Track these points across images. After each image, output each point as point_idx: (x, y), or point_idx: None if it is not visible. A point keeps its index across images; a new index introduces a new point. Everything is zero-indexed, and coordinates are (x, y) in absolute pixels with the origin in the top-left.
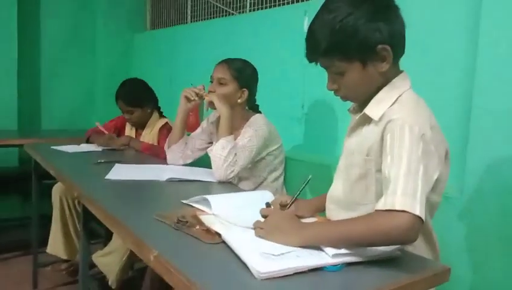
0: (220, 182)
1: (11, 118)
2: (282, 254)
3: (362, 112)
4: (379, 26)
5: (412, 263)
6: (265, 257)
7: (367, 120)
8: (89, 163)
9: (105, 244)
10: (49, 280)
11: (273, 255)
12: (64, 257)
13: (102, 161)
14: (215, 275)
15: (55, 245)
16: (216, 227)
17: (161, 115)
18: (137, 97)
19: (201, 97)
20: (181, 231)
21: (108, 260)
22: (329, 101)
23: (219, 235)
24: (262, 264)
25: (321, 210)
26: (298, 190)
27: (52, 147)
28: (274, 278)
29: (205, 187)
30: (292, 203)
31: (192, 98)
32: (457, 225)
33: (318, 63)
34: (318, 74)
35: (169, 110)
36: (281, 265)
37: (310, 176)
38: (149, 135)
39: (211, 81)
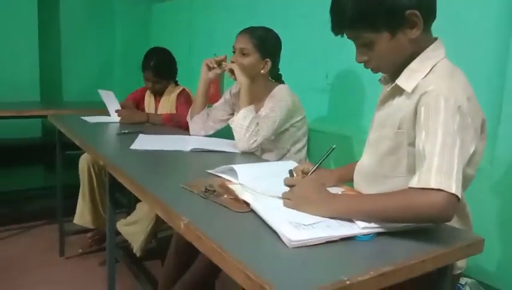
0: (243, 153)
1: (33, 89)
2: (313, 223)
3: (394, 83)
4: None
5: (445, 233)
6: (296, 226)
7: (399, 91)
8: (112, 133)
9: (128, 214)
10: (75, 248)
11: (304, 224)
12: (91, 227)
13: (126, 131)
14: (246, 242)
15: (82, 215)
16: (244, 196)
17: (176, 83)
18: (167, 69)
19: (222, 67)
20: (209, 200)
21: (133, 229)
22: (354, 71)
23: (247, 204)
24: (293, 232)
25: (344, 180)
26: (320, 159)
27: (81, 117)
28: (305, 246)
29: (229, 158)
30: (314, 171)
31: (212, 66)
32: (489, 196)
33: (344, 36)
34: (342, 42)
35: (188, 80)
36: (312, 234)
37: (335, 146)
38: (167, 102)
39: (234, 52)
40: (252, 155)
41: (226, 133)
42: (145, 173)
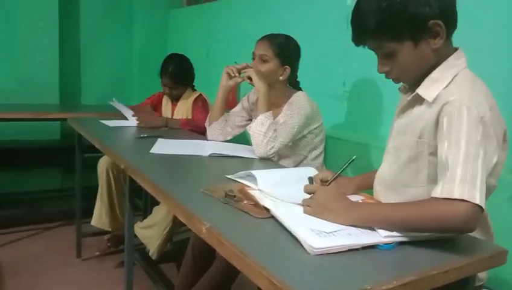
0: (261, 159)
1: (53, 92)
2: (334, 231)
3: (414, 92)
4: (429, 0)
5: (467, 243)
6: (317, 233)
7: (419, 100)
8: (131, 137)
9: (144, 217)
10: (92, 249)
11: (325, 232)
12: (108, 229)
13: (145, 135)
14: (267, 248)
15: (100, 218)
16: (265, 202)
17: (193, 88)
18: (184, 76)
19: (241, 75)
20: (229, 205)
21: (150, 233)
22: (372, 79)
23: (267, 210)
24: (315, 240)
25: (363, 188)
26: (341, 168)
27: (100, 121)
28: (327, 254)
29: (246, 163)
30: (333, 179)
31: (233, 75)
32: (509, 206)
33: (366, 46)
34: (360, 50)
35: (205, 85)
36: (334, 242)
37: (355, 156)
38: (184, 107)
39: (253, 58)
40: (270, 161)
41: (242, 138)
42: (165, 177)
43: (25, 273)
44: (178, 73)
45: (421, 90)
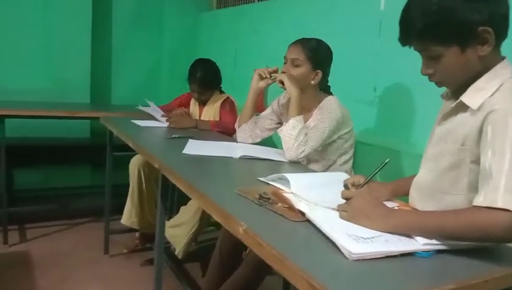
0: (291, 162)
1: (84, 92)
2: (371, 237)
3: (458, 100)
4: (479, 7)
5: (507, 253)
6: (355, 238)
7: (463, 108)
8: (162, 137)
9: (170, 216)
10: (119, 246)
11: (362, 237)
12: (137, 228)
13: (177, 136)
14: (305, 251)
15: (130, 216)
16: (300, 205)
17: (221, 91)
18: (211, 81)
19: (274, 78)
20: (263, 207)
21: (177, 232)
22: (404, 84)
23: (302, 213)
24: (353, 245)
25: (396, 195)
26: (372, 172)
27: (131, 120)
28: (365, 259)
29: (276, 166)
30: (365, 184)
31: (264, 76)
32: None
33: (412, 47)
34: (392, 55)
35: (232, 87)
36: (372, 248)
37: (388, 160)
38: (211, 110)
39: (285, 62)
40: (300, 165)
41: (269, 142)
42: (198, 177)
43: (55, 267)
44: (205, 79)
45: (465, 98)
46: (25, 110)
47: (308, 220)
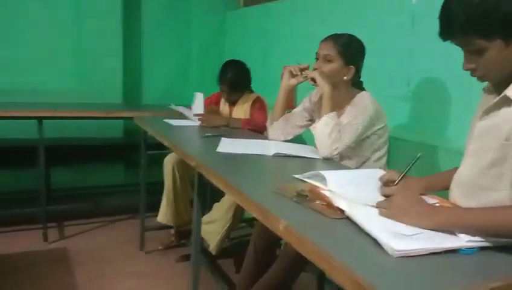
0: (324, 160)
1: (117, 92)
2: (413, 234)
3: (502, 94)
4: None
5: None
6: (396, 235)
7: (507, 102)
8: (196, 136)
9: (203, 214)
10: (154, 243)
11: (405, 235)
12: (172, 225)
13: (210, 134)
14: (346, 248)
15: (165, 214)
16: (339, 203)
17: (250, 90)
18: (241, 83)
19: (305, 75)
20: (301, 205)
21: (211, 228)
22: (438, 79)
23: (341, 211)
24: (396, 242)
25: (432, 190)
26: (406, 167)
27: (164, 120)
28: (408, 257)
29: (310, 164)
30: (401, 179)
31: (295, 73)
32: None
33: (453, 42)
34: (425, 49)
35: (261, 86)
36: (416, 244)
37: (420, 154)
38: (241, 110)
39: (316, 58)
40: (333, 162)
41: (298, 139)
42: (234, 175)
43: (92, 263)
44: (235, 80)
45: (509, 92)
46: (62, 111)
47: (347, 218)
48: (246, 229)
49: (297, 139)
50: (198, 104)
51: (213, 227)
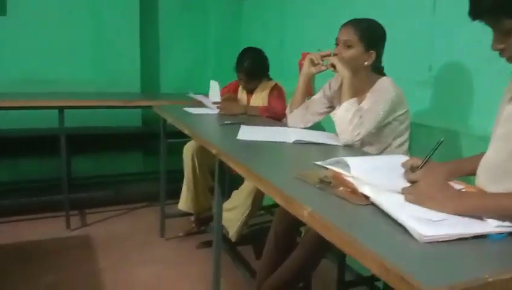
0: (345, 146)
1: (135, 81)
2: (441, 220)
3: None
4: None
5: None
6: (423, 221)
7: None
8: (215, 124)
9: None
10: (174, 230)
11: (432, 220)
12: (192, 212)
13: (229, 122)
14: (373, 234)
15: (186, 202)
16: (364, 189)
17: (268, 78)
18: (259, 70)
19: (326, 65)
20: (325, 191)
21: (230, 216)
22: (461, 63)
23: (365, 197)
24: (424, 227)
25: (455, 175)
26: (429, 153)
27: (183, 108)
28: (436, 242)
29: (331, 150)
30: (424, 164)
31: (316, 62)
32: None
33: (482, 21)
34: (447, 32)
35: (279, 74)
36: (444, 230)
37: (442, 139)
38: (259, 98)
39: (336, 44)
40: (354, 148)
41: (318, 126)
42: (255, 162)
43: (113, 249)
44: (253, 68)
45: None
46: (82, 100)
47: (372, 204)
48: (264, 216)
49: (317, 126)
50: (214, 92)
51: (232, 214)
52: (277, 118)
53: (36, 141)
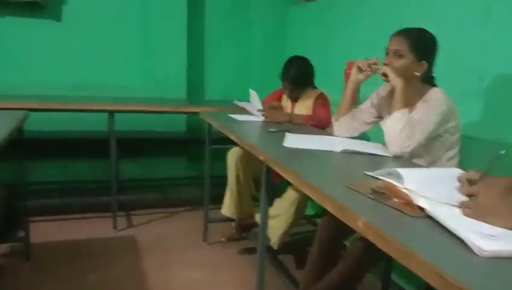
0: (394, 157)
1: (181, 88)
2: (502, 235)
3: None
4: None
5: None
6: (483, 235)
7: None
8: (260, 131)
9: None
10: (217, 235)
11: (491, 235)
12: (235, 218)
13: (274, 130)
14: (430, 246)
15: (229, 207)
16: (419, 201)
17: (313, 87)
18: (304, 80)
19: (374, 70)
20: (378, 202)
21: (272, 223)
22: None
23: (421, 209)
24: (484, 242)
25: None
26: (488, 165)
27: (228, 115)
28: (497, 258)
29: (380, 161)
30: (482, 178)
31: (364, 69)
32: None
33: None
34: (499, 42)
35: (324, 82)
36: (505, 245)
37: (504, 151)
38: (303, 106)
39: (387, 54)
40: (404, 159)
41: (363, 135)
42: (304, 170)
43: (158, 251)
44: (299, 76)
45: None
46: (133, 105)
47: (428, 216)
48: (306, 225)
49: (362, 136)
50: (254, 101)
51: (275, 222)
52: (321, 126)
53: (87, 143)
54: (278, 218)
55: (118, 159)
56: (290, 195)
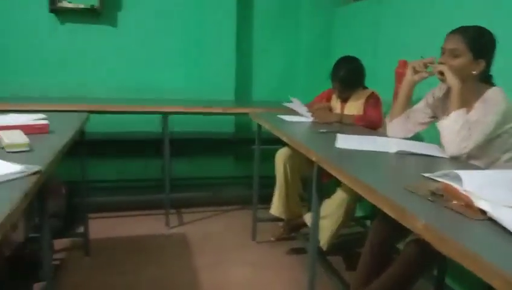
0: (452, 158)
1: (230, 90)
2: None
3: None
4: None
5: None
6: None
7: None
8: (310, 132)
9: (309, 209)
10: (265, 234)
11: None
12: (283, 217)
13: (325, 130)
14: (495, 250)
15: (278, 207)
16: (481, 204)
17: (364, 87)
18: (355, 81)
19: (429, 71)
20: (437, 204)
21: (322, 224)
22: None
23: (482, 212)
24: None
25: None
26: None
27: (278, 115)
28: None
29: (436, 162)
30: None
31: (419, 70)
32: None
33: None
34: None
35: (373, 82)
36: None
37: None
38: (353, 106)
39: (442, 53)
40: (461, 161)
41: (416, 136)
42: (358, 171)
43: (208, 249)
44: (349, 77)
45: None
46: (185, 107)
47: (490, 219)
48: (355, 227)
49: (415, 136)
50: (299, 107)
51: (324, 223)
52: (373, 127)
53: (142, 143)
54: (327, 219)
55: (170, 158)
56: (339, 196)
